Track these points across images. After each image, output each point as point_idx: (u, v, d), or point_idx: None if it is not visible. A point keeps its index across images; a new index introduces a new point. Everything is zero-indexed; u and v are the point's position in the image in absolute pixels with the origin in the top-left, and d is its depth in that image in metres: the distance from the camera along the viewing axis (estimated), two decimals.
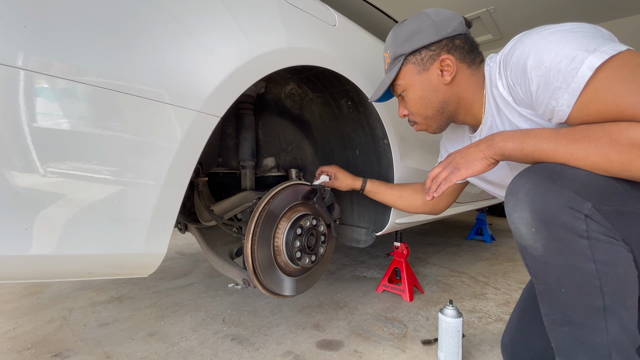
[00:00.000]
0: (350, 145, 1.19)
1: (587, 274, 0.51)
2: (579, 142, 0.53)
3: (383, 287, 1.52)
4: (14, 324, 1.21)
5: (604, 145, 0.50)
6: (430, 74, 0.76)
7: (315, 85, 1.08)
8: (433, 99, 0.77)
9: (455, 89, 0.76)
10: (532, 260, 0.57)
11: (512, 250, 2.39)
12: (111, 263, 0.56)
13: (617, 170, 0.51)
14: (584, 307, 0.53)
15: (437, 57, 0.74)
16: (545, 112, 0.58)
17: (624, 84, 0.49)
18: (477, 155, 0.65)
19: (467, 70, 0.75)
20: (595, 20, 4.46)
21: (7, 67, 0.42)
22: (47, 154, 0.46)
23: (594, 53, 0.50)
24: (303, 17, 0.85)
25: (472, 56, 0.75)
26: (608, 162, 0.50)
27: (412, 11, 4.37)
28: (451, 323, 0.89)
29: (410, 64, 0.77)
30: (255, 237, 0.85)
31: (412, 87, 0.78)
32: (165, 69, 0.55)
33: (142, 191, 0.55)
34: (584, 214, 0.51)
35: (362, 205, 1.28)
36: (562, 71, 0.52)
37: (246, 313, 1.29)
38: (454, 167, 0.68)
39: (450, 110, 0.78)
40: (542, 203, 0.54)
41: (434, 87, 0.76)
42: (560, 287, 0.54)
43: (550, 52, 0.54)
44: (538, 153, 0.57)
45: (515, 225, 0.57)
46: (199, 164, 1.06)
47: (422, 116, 0.81)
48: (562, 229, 0.52)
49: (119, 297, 1.47)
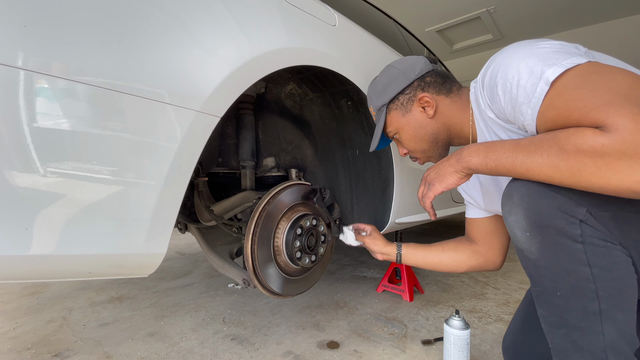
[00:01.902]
0: (350, 145, 1.19)
1: (582, 278, 0.52)
2: (533, 154, 0.52)
3: (383, 287, 1.52)
4: (14, 324, 1.21)
5: (554, 155, 0.49)
6: (414, 114, 0.81)
7: (315, 85, 1.08)
8: (424, 134, 0.82)
9: (441, 119, 0.80)
10: (528, 263, 0.58)
11: (511, 250, 2.38)
12: (111, 263, 0.56)
13: (569, 181, 0.48)
14: (579, 310, 0.53)
15: (414, 97, 0.80)
16: (520, 126, 0.59)
17: (574, 90, 0.49)
18: (448, 169, 0.65)
19: (447, 100, 0.79)
20: (594, 21, 4.47)
21: (7, 67, 0.42)
22: (47, 154, 0.46)
23: (551, 67, 0.51)
24: (303, 17, 0.85)
25: (447, 86, 0.80)
26: (558, 173, 0.49)
27: (412, 11, 4.38)
28: (460, 336, 0.84)
29: (393, 110, 0.83)
30: (255, 237, 0.85)
31: (402, 129, 0.84)
32: (165, 68, 0.55)
33: (142, 191, 0.55)
34: (578, 219, 0.52)
35: (362, 205, 1.28)
36: (524, 86, 0.54)
37: (246, 313, 1.29)
38: (430, 183, 0.69)
39: (443, 139, 0.82)
40: (535, 208, 0.54)
41: (420, 123, 0.81)
42: (555, 290, 0.54)
43: (513, 69, 0.55)
44: (500, 168, 0.56)
45: (511, 229, 0.58)
46: (199, 164, 1.06)
47: (420, 151, 0.85)
48: (556, 233, 0.53)
49: (119, 297, 1.47)
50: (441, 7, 4.29)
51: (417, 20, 4.54)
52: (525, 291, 1.53)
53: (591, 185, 0.47)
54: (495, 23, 4.57)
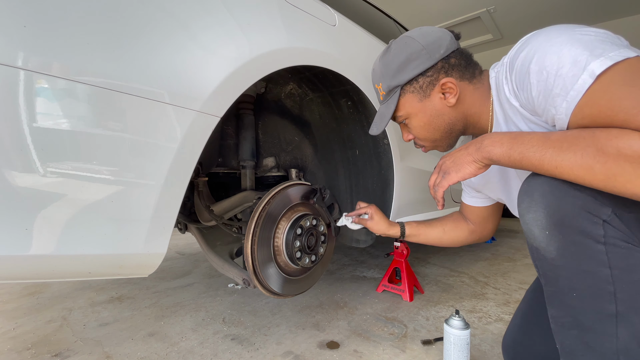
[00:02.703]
0: (350, 145, 1.19)
1: (601, 280, 0.50)
2: (565, 151, 0.49)
3: (383, 287, 1.52)
4: (14, 324, 1.21)
5: (590, 156, 0.46)
6: (432, 100, 0.72)
7: (315, 85, 1.08)
8: (439, 123, 0.74)
9: (461, 108, 0.72)
10: (543, 263, 0.55)
11: (511, 250, 2.39)
12: (111, 263, 0.56)
13: (601, 184, 0.47)
14: (595, 311, 0.51)
15: (435, 81, 0.71)
16: (547, 119, 0.55)
17: (621, 87, 0.44)
18: (466, 158, 0.62)
19: (470, 87, 0.71)
20: (595, 20, 4.46)
21: (7, 67, 0.42)
22: (47, 154, 0.46)
23: (598, 58, 0.46)
24: (303, 17, 0.85)
25: (470, 70, 0.71)
26: (591, 174, 0.47)
27: (412, 11, 4.37)
28: (460, 335, 0.83)
29: (408, 93, 0.73)
30: (255, 237, 0.85)
31: (416, 115, 0.75)
32: (165, 68, 0.55)
33: (142, 191, 0.55)
34: (602, 219, 0.50)
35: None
36: (563, 77, 0.49)
37: (246, 313, 1.29)
38: (445, 172, 0.66)
39: (458, 129, 0.75)
40: (558, 206, 0.52)
41: (438, 111, 0.72)
42: (571, 291, 0.53)
43: (553, 55, 0.50)
44: (525, 162, 0.54)
45: (528, 227, 0.55)
46: (199, 164, 1.06)
47: (430, 140, 0.78)
48: (578, 233, 0.50)
49: (119, 297, 1.47)
50: (441, 7, 4.29)
51: (417, 20, 4.54)
52: (524, 291, 1.53)
53: (625, 192, 0.45)
54: (495, 23, 4.56)
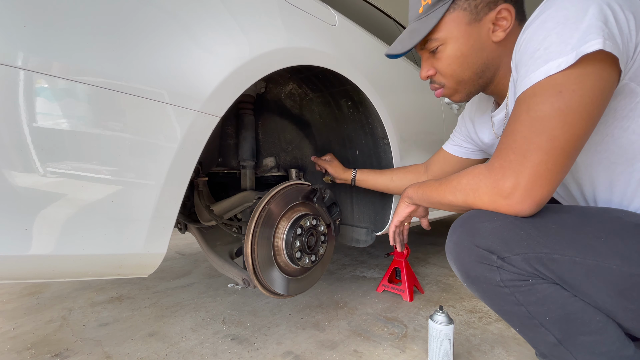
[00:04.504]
0: (350, 145, 1.19)
1: (524, 317, 0.52)
2: (443, 191, 0.63)
3: (383, 287, 1.52)
4: (14, 324, 1.21)
5: (451, 192, 0.61)
6: (481, 27, 0.60)
7: (315, 85, 1.08)
8: (476, 59, 0.62)
9: (502, 50, 0.61)
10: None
11: None
12: (111, 263, 0.56)
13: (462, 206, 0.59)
14: (543, 343, 0.53)
15: (494, 5, 0.59)
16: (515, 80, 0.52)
17: (527, 113, 0.47)
18: (399, 204, 0.81)
19: (518, 28, 0.60)
20: None
21: (7, 67, 0.42)
22: (47, 154, 0.46)
23: (559, 57, 0.43)
24: (303, 17, 0.85)
25: (523, 7, 0.62)
26: (455, 201, 0.60)
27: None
28: (442, 330, 0.86)
29: (459, 9, 0.60)
30: (255, 237, 0.85)
31: (456, 41, 0.61)
32: (165, 68, 0.55)
33: (142, 191, 0.55)
34: (495, 266, 0.52)
35: (362, 205, 1.28)
36: (534, 58, 0.46)
37: (246, 313, 1.29)
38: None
39: (488, 76, 0.65)
40: (463, 260, 0.56)
41: (481, 43, 0.61)
42: (515, 327, 0.56)
43: (539, 34, 0.46)
44: (428, 200, 0.70)
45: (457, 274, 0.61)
46: (199, 164, 1.06)
47: (455, 79, 0.66)
48: (485, 282, 0.54)
49: (119, 297, 1.47)
50: None
51: None
52: None
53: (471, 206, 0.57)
54: None
